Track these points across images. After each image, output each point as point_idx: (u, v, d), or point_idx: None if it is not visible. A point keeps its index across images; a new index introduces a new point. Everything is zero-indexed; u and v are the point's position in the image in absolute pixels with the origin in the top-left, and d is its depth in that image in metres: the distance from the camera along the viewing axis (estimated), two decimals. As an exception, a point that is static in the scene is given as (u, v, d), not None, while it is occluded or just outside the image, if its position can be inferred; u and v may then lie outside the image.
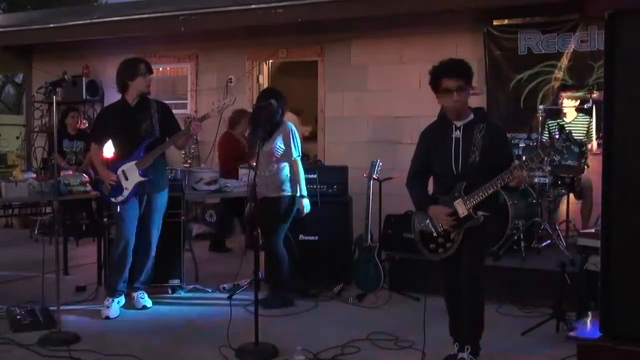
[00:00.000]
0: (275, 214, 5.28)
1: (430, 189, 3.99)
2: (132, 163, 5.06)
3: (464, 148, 3.75)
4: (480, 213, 3.70)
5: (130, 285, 5.29)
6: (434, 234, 3.85)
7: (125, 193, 5.09)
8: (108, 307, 5.03)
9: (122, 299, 5.19)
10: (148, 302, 5.27)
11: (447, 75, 3.72)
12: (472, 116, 3.82)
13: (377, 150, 7.43)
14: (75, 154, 8.17)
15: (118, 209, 5.14)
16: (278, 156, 5.26)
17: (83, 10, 11.34)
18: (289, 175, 5.33)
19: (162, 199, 5.27)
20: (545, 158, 3.77)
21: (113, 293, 5.13)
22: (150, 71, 5.17)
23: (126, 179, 5.09)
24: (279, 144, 5.25)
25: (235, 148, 7.31)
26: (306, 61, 8.63)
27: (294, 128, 5.36)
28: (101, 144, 5.24)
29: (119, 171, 5.10)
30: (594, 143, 6.39)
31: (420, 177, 3.95)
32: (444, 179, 3.85)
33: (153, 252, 5.29)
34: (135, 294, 5.28)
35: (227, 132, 7.53)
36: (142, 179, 5.05)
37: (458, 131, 3.79)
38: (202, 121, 5.12)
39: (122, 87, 5.17)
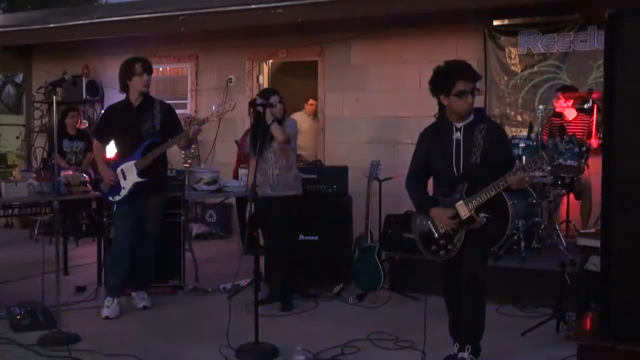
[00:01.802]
0: (282, 214, 5.28)
1: (430, 188, 3.98)
2: (131, 163, 5.07)
3: (465, 149, 3.74)
4: (482, 215, 3.69)
5: (130, 286, 5.29)
6: (436, 236, 3.84)
7: (123, 192, 5.10)
8: (108, 306, 5.03)
9: (121, 299, 5.19)
10: (148, 302, 5.27)
11: (462, 77, 3.69)
12: (472, 117, 3.81)
13: (377, 150, 7.44)
14: (75, 154, 8.18)
15: (115, 208, 5.16)
16: (290, 151, 5.29)
17: (83, 10, 11.34)
18: (295, 173, 5.36)
19: (162, 200, 5.28)
20: (550, 161, 3.75)
21: (112, 293, 5.13)
22: (147, 71, 5.15)
23: (124, 178, 5.10)
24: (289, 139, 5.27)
25: None
26: (306, 61, 8.63)
27: (296, 123, 5.39)
28: (103, 141, 5.29)
29: (118, 170, 5.12)
30: (593, 141, 6.36)
31: (420, 178, 3.94)
32: (445, 180, 3.83)
33: (152, 253, 5.29)
34: (135, 294, 5.28)
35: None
36: (140, 179, 5.06)
37: (458, 132, 3.78)
38: (201, 125, 5.12)
39: (123, 88, 5.21)
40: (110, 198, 5.16)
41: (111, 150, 5.31)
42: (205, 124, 5.15)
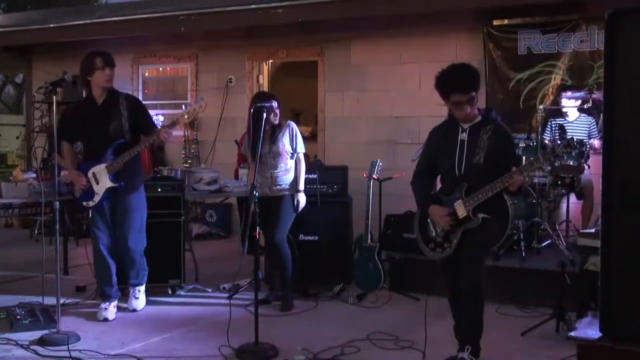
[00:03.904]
0: (281, 213, 5.27)
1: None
2: (103, 166, 4.90)
3: (469, 150, 3.75)
4: (480, 215, 3.71)
5: (123, 286, 5.21)
6: (433, 234, 3.86)
7: (97, 198, 4.96)
8: (105, 308, 4.98)
9: (116, 302, 5.10)
10: (140, 303, 5.16)
11: (456, 90, 3.69)
12: (479, 118, 3.81)
13: (377, 150, 7.44)
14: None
15: (91, 214, 5.06)
16: (287, 155, 5.28)
17: (83, 10, 11.34)
18: (294, 174, 5.35)
19: (136, 200, 5.08)
20: (545, 163, 3.74)
21: (106, 298, 5.06)
22: (109, 64, 4.94)
23: (97, 182, 4.95)
24: (287, 143, 5.26)
25: None
26: (306, 61, 8.63)
27: (295, 126, 5.38)
28: (72, 140, 5.16)
29: (90, 173, 4.96)
30: (596, 142, 6.34)
31: (426, 176, 3.97)
32: (448, 179, 3.87)
33: (136, 255, 5.11)
34: (130, 290, 5.18)
35: None
36: (113, 184, 4.91)
37: (464, 133, 3.79)
38: (171, 128, 4.92)
39: (85, 84, 5.05)
40: (84, 203, 5.02)
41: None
42: (175, 126, 4.94)
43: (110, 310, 5.00)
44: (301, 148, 5.35)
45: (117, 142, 4.92)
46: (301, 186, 5.36)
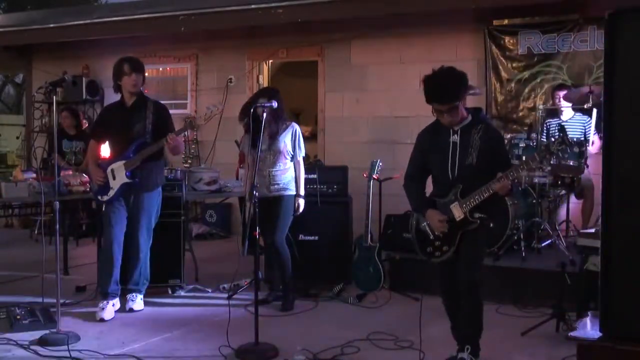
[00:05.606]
0: (280, 214, 5.27)
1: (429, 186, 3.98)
2: (121, 163, 5.07)
3: (461, 151, 3.74)
4: (477, 215, 3.70)
5: (123, 287, 5.22)
6: (431, 237, 3.85)
7: (111, 193, 5.09)
8: (102, 308, 4.97)
9: (116, 302, 5.11)
10: (137, 306, 5.16)
11: (435, 101, 3.68)
12: (469, 118, 3.79)
13: (377, 150, 7.44)
14: (75, 154, 8.17)
15: (104, 208, 5.16)
16: (287, 155, 5.28)
17: (83, 10, 11.35)
18: (293, 175, 5.35)
19: (150, 200, 5.18)
20: (542, 162, 3.74)
21: (105, 296, 5.07)
22: (136, 70, 5.10)
23: (114, 178, 5.10)
24: (288, 143, 5.26)
25: None
26: (306, 61, 8.63)
27: (299, 128, 5.38)
28: (98, 140, 5.29)
29: (109, 170, 5.12)
30: (594, 140, 6.31)
31: (418, 178, 3.95)
32: (441, 181, 3.84)
33: (142, 255, 5.18)
34: (127, 296, 5.21)
35: None
36: (128, 180, 5.05)
37: (455, 135, 3.77)
38: (178, 134, 5.13)
39: (116, 88, 5.24)
40: (99, 197, 5.16)
41: (105, 150, 5.31)
42: (183, 132, 5.15)
43: (108, 309, 4.99)
44: (302, 152, 5.37)
45: (137, 142, 5.07)
46: (301, 191, 5.38)
